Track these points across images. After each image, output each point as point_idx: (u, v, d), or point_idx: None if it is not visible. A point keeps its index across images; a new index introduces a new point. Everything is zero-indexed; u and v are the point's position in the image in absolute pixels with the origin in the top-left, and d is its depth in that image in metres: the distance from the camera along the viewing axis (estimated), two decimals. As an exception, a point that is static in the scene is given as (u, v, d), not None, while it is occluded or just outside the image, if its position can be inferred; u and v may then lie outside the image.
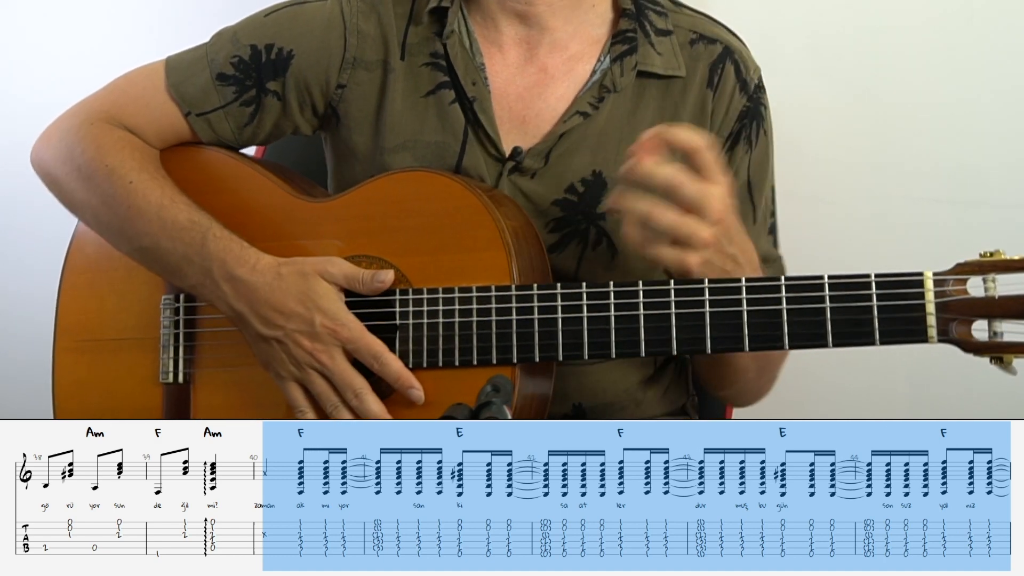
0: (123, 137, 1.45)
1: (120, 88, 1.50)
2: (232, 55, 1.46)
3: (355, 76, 1.45)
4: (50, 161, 1.47)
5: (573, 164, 1.42)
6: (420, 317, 1.32)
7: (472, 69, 1.43)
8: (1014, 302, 1.15)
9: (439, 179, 1.36)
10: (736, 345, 1.23)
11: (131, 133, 1.46)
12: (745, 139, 1.46)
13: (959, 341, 1.17)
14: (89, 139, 1.44)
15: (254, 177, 1.45)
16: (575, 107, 1.42)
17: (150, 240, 1.38)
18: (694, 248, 1.20)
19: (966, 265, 1.18)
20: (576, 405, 1.46)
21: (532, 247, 1.36)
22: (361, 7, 1.46)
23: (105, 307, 1.46)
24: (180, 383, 1.42)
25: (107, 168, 1.41)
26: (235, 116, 1.47)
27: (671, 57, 1.44)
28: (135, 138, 1.46)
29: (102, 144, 1.43)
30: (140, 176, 1.40)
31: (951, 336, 1.17)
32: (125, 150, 1.43)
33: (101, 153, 1.43)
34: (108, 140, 1.44)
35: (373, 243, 1.36)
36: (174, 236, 1.36)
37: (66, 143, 1.45)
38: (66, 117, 1.49)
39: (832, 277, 1.20)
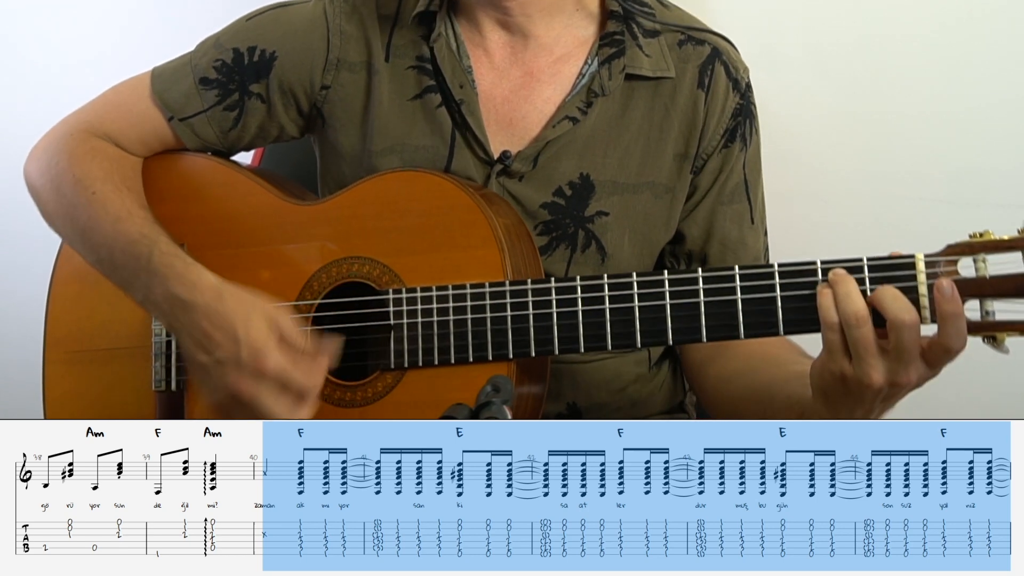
0: (96, 147, 1.45)
1: (106, 99, 1.51)
2: (215, 59, 1.46)
3: (339, 77, 1.45)
4: (34, 173, 1.47)
5: (561, 167, 1.42)
6: (414, 316, 1.32)
7: (459, 72, 1.43)
8: (1005, 281, 1.16)
9: (431, 178, 1.36)
10: (732, 333, 1.23)
11: (112, 142, 1.46)
12: (740, 137, 1.46)
13: None
14: (65, 151, 1.44)
15: (243, 182, 1.45)
16: (563, 112, 1.42)
17: (106, 252, 1.37)
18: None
19: (956, 246, 1.19)
20: (571, 404, 1.46)
21: (525, 244, 1.37)
22: (344, 8, 1.46)
23: (95, 317, 1.46)
24: (173, 391, 1.41)
25: (74, 178, 1.41)
26: (218, 120, 1.47)
27: (660, 58, 1.44)
28: (111, 147, 1.46)
29: (74, 154, 1.43)
30: (103, 187, 1.40)
31: None
32: (95, 160, 1.43)
33: (72, 163, 1.43)
34: (81, 150, 1.44)
35: (365, 244, 1.36)
36: (125, 250, 1.35)
37: (47, 155, 1.46)
38: (53, 130, 1.49)
39: (825, 262, 1.20)
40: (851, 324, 1.15)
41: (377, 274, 1.34)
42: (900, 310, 1.14)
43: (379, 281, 1.34)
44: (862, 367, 1.15)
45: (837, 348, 1.17)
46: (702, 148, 1.45)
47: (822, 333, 1.18)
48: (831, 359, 1.17)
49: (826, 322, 1.17)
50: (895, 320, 1.14)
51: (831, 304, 1.17)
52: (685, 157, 1.44)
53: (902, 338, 1.14)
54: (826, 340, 1.18)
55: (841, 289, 1.17)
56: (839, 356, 1.17)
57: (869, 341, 1.15)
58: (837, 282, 1.18)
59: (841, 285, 1.17)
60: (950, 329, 1.15)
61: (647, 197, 1.44)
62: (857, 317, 1.15)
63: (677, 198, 1.46)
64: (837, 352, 1.17)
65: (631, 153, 1.43)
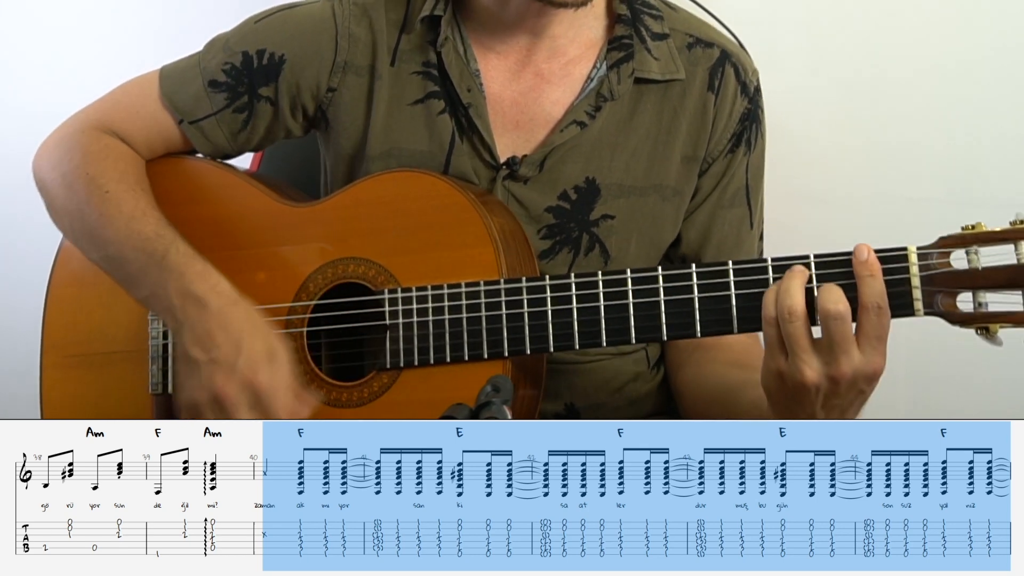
0: (109, 145, 1.45)
1: (115, 98, 1.51)
2: (224, 62, 1.46)
3: (345, 80, 1.45)
4: (44, 168, 1.47)
5: (567, 171, 1.42)
6: (410, 316, 1.32)
7: (467, 75, 1.43)
8: (997, 273, 1.16)
9: (426, 178, 1.36)
10: (725, 328, 1.24)
11: (122, 141, 1.47)
12: (745, 141, 1.46)
13: (945, 313, 1.18)
14: (77, 147, 1.45)
15: (239, 185, 1.45)
16: (572, 116, 1.42)
17: (115, 249, 1.38)
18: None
19: (949, 238, 1.19)
20: (568, 404, 1.46)
21: (520, 244, 1.37)
22: (354, 11, 1.45)
23: (92, 321, 1.46)
24: (170, 393, 1.41)
25: (87, 176, 1.42)
26: (228, 123, 1.47)
27: (668, 61, 1.44)
28: (124, 147, 1.46)
29: (88, 152, 1.44)
30: (118, 187, 1.40)
31: (937, 309, 1.18)
32: (108, 159, 1.43)
33: (85, 161, 1.43)
34: (94, 148, 1.44)
35: (361, 244, 1.36)
36: (138, 246, 1.36)
37: (59, 151, 1.46)
38: (63, 126, 1.50)
39: (818, 256, 1.20)
40: (784, 319, 1.16)
41: (373, 274, 1.34)
42: (829, 301, 1.15)
43: (375, 281, 1.34)
44: (795, 362, 1.16)
45: (773, 344, 1.18)
46: (709, 151, 1.44)
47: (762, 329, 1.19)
48: (769, 355, 1.19)
49: (764, 317, 1.18)
50: (824, 310, 1.15)
51: (772, 300, 1.18)
52: (693, 159, 1.44)
53: (831, 329, 1.15)
54: (764, 335, 1.19)
55: (783, 284, 1.18)
56: (776, 352, 1.18)
57: (800, 335, 1.16)
58: (784, 277, 1.18)
59: (784, 280, 1.18)
60: (864, 289, 1.16)
61: (654, 200, 1.44)
62: (791, 311, 1.16)
63: (684, 200, 1.46)
64: (774, 348, 1.18)
65: (638, 156, 1.43)
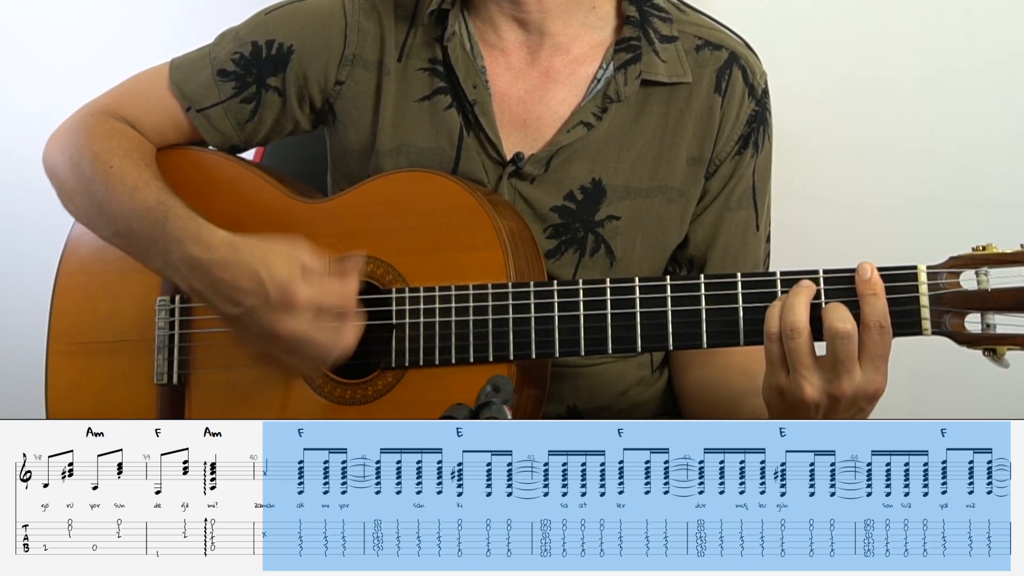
0: (115, 127, 1.46)
1: (125, 87, 1.52)
2: (234, 52, 1.47)
3: (353, 74, 1.45)
4: (54, 153, 1.48)
5: (573, 171, 1.42)
6: (417, 316, 1.32)
7: (473, 72, 1.43)
8: (1007, 295, 1.16)
9: (436, 179, 1.36)
10: (732, 340, 1.23)
11: (130, 126, 1.47)
12: (753, 143, 1.46)
13: (952, 333, 1.18)
14: (84, 129, 1.46)
15: (250, 179, 1.45)
16: (578, 117, 1.41)
17: (124, 223, 1.37)
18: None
19: (959, 259, 1.19)
20: (571, 407, 1.46)
21: (528, 248, 1.37)
22: (364, 5, 1.46)
23: (99, 310, 1.46)
24: (175, 384, 1.41)
25: (92, 153, 1.42)
26: (235, 112, 1.47)
27: (676, 63, 1.43)
28: (130, 130, 1.47)
29: (94, 131, 1.45)
30: (122, 162, 1.40)
31: (944, 328, 1.18)
32: (114, 138, 1.44)
33: (91, 140, 1.44)
34: (101, 128, 1.45)
35: (370, 243, 1.36)
36: (142, 217, 1.35)
37: (67, 136, 1.47)
38: (73, 114, 1.51)
39: (827, 271, 1.20)
40: (787, 335, 1.16)
41: (381, 273, 1.35)
42: (837, 320, 1.15)
43: (383, 280, 1.34)
44: (796, 379, 1.16)
45: (775, 359, 1.18)
46: (716, 153, 1.44)
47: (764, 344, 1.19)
48: (770, 370, 1.18)
49: (766, 332, 1.18)
50: (831, 329, 1.15)
51: (776, 315, 1.18)
52: (699, 161, 1.44)
53: (836, 348, 1.15)
54: (766, 351, 1.19)
55: (788, 300, 1.18)
56: (777, 368, 1.18)
57: (802, 352, 1.16)
58: (789, 293, 1.18)
59: (789, 296, 1.18)
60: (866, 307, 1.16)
61: (660, 201, 1.44)
62: (793, 328, 1.16)
63: (691, 202, 1.46)
64: (775, 363, 1.18)
65: (644, 157, 1.43)
